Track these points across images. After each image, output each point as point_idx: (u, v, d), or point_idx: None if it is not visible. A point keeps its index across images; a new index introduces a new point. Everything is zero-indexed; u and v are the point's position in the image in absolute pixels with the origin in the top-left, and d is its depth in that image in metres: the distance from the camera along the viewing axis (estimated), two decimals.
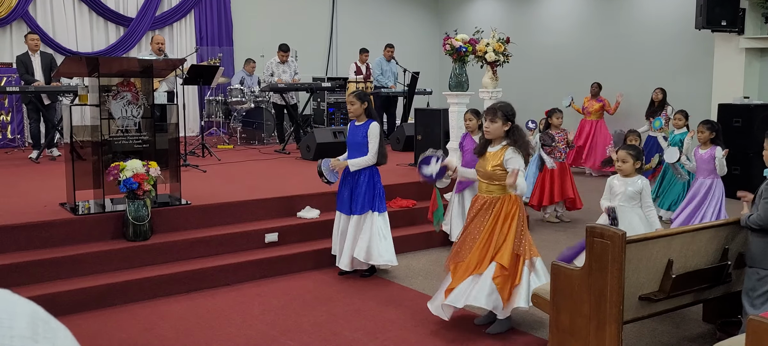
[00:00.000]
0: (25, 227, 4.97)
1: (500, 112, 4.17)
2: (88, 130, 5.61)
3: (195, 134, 11.24)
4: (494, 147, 4.22)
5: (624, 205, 4.65)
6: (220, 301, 4.91)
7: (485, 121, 4.22)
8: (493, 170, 4.15)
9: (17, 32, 10.47)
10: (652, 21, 10.99)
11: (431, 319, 4.58)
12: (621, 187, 4.69)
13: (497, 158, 4.15)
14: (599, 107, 10.90)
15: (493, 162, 4.16)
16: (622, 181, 4.70)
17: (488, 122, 4.18)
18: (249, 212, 5.96)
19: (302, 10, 13.08)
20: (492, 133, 4.18)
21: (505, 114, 4.17)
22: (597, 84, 11.02)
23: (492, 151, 4.22)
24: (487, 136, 4.23)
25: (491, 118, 4.17)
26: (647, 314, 3.69)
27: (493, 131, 4.18)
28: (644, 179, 4.75)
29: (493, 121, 4.16)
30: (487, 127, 4.19)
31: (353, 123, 5.41)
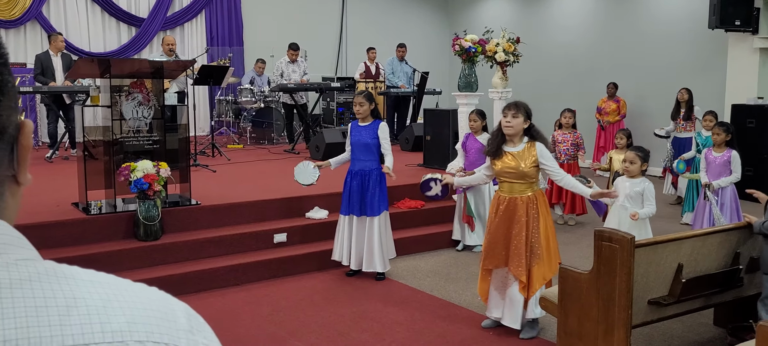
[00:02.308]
0: (37, 227, 5.01)
1: (523, 108, 4.12)
2: (100, 131, 5.65)
3: (205, 134, 11.29)
4: (516, 146, 4.13)
5: (626, 205, 4.66)
6: (230, 301, 4.94)
7: (507, 116, 4.12)
8: (529, 169, 4.08)
9: (31, 32, 10.57)
10: (665, 20, 10.91)
11: (439, 320, 4.59)
12: (626, 188, 4.69)
13: (529, 156, 4.09)
14: (616, 108, 10.76)
15: (528, 161, 4.08)
16: (628, 182, 4.70)
17: (511, 117, 4.09)
18: (258, 213, 5.98)
19: (312, 11, 13.10)
20: (515, 128, 4.09)
21: (526, 111, 4.14)
22: (613, 84, 10.83)
23: (515, 150, 4.12)
24: (508, 131, 4.12)
25: (514, 113, 4.09)
26: (656, 318, 3.67)
27: (516, 126, 4.09)
28: (648, 180, 4.74)
29: (516, 116, 4.09)
30: (510, 122, 4.09)
31: (356, 123, 5.39)
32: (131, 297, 0.64)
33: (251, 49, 12.29)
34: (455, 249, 6.42)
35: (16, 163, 0.67)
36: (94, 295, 0.62)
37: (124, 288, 0.65)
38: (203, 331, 0.68)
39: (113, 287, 0.64)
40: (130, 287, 0.66)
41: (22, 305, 0.58)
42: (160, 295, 0.68)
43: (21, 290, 0.59)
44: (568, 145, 7.39)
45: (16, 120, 0.66)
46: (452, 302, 4.99)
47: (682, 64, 10.64)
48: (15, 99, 0.65)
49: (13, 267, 0.60)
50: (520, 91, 9.97)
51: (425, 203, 6.86)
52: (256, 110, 10.85)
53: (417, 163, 8.32)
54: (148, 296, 0.66)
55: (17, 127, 0.66)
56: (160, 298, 0.67)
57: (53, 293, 0.60)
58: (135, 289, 0.66)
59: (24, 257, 0.62)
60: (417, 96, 11.05)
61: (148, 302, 0.65)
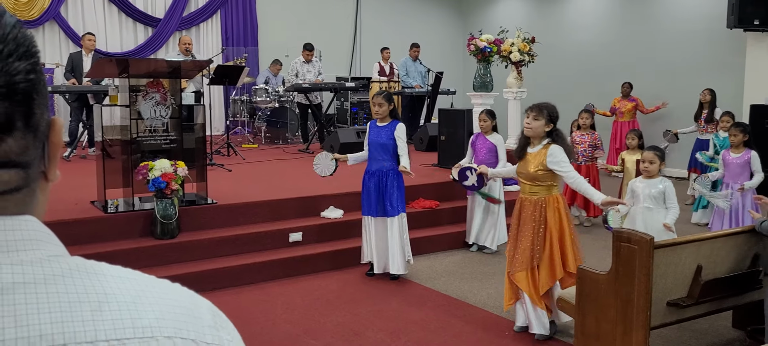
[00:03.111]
0: (56, 225, 5.04)
1: (545, 110, 4.07)
2: (118, 130, 5.70)
3: (220, 133, 11.34)
4: (534, 148, 4.12)
5: (650, 206, 4.60)
6: (245, 299, 4.96)
7: (527, 118, 4.09)
8: (536, 172, 4.06)
9: (50, 33, 10.67)
10: (682, 20, 10.82)
11: (455, 320, 4.58)
12: (644, 189, 4.63)
13: (539, 159, 4.07)
14: (632, 107, 10.63)
15: (535, 163, 4.07)
16: (645, 183, 4.64)
17: (531, 119, 4.06)
18: (273, 212, 6.01)
19: (326, 10, 13.13)
20: (533, 131, 4.06)
21: (550, 114, 4.08)
22: (628, 84, 10.74)
23: (532, 152, 4.12)
24: (528, 133, 4.10)
25: (535, 115, 4.05)
26: (675, 320, 3.65)
27: (535, 129, 4.06)
28: (667, 180, 4.68)
29: (537, 118, 4.05)
30: (529, 123, 4.06)
31: (374, 123, 5.39)
32: (159, 293, 0.66)
33: (266, 49, 12.34)
34: (469, 250, 6.41)
35: (46, 160, 0.68)
36: (123, 291, 0.63)
37: (152, 284, 0.67)
38: (226, 327, 0.69)
39: (141, 283, 0.66)
40: (157, 283, 0.68)
41: (57, 300, 0.59)
42: (185, 291, 0.69)
43: (55, 286, 0.60)
44: (585, 146, 7.31)
45: (48, 118, 0.67)
46: (467, 302, 4.98)
47: (699, 64, 10.55)
48: (46, 97, 0.67)
49: (46, 263, 0.61)
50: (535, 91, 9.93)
51: (440, 204, 6.85)
52: (270, 110, 10.89)
53: (431, 164, 8.31)
54: (175, 292, 0.68)
55: (48, 125, 0.67)
56: (187, 294, 0.69)
57: (85, 289, 0.61)
58: (162, 285, 0.68)
59: (55, 254, 0.64)
60: (431, 96, 11.04)
61: (175, 298, 0.66)
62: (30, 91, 0.62)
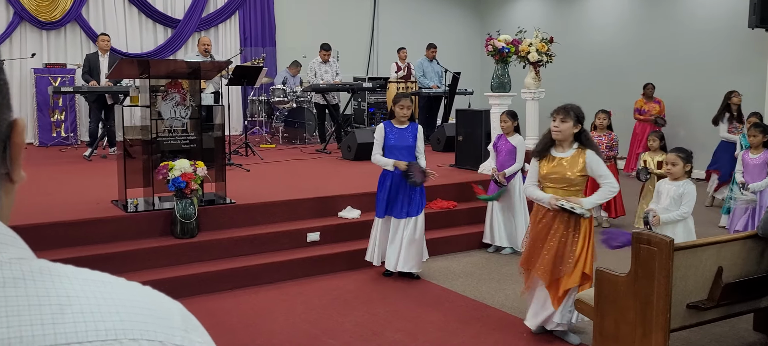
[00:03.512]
0: (78, 224, 5.14)
1: (572, 112, 3.99)
2: (138, 130, 5.77)
3: (238, 133, 11.42)
4: (566, 151, 4.04)
5: (669, 209, 4.55)
6: (264, 299, 5.00)
7: (555, 121, 4.01)
8: (575, 177, 4.00)
9: (71, 34, 10.82)
10: (702, 19, 10.70)
11: (472, 321, 4.58)
12: (668, 191, 4.59)
13: (577, 164, 4.00)
14: (659, 109, 10.44)
15: (575, 168, 3.99)
16: (670, 184, 4.59)
17: (559, 122, 3.98)
18: (291, 212, 6.04)
19: (344, 11, 13.17)
20: (563, 133, 3.98)
21: (577, 115, 4.01)
22: (651, 85, 10.53)
23: (564, 155, 4.03)
24: (557, 136, 4.02)
25: (562, 117, 3.97)
26: (695, 323, 3.62)
27: (564, 131, 3.98)
28: (691, 184, 4.60)
29: (564, 120, 3.96)
30: (558, 126, 3.98)
31: (391, 125, 5.34)
32: (126, 295, 0.64)
33: (284, 49, 12.41)
34: (486, 251, 6.40)
35: (9, 161, 0.67)
36: (88, 293, 0.62)
37: (119, 287, 0.65)
38: (198, 330, 0.68)
39: (108, 286, 0.64)
40: (125, 285, 0.66)
41: (15, 303, 0.58)
42: (155, 294, 0.68)
43: (14, 289, 0.59)
44: (603, 147, 7.24)
45: (9, 118, 0.66)
46: (485, 302, 4.98)
47: (720, 65, 10.43)
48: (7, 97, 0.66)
49: (6, 266, 0.60)
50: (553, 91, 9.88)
51: (457, 204, 6.85)
52: (288, 110, 10.94)
53: (449, 164, 8.30)
54: (143, 294, 0.66)
55: (10, 126, 0.66)
56: (155, 297, 0.67)
57: (47, 292, 0.60)
58: (130, 287, 0.66)
59: (18, 256, 0.62)
60: (448, 96, 11.03)
61: (143, 300, 0.65)
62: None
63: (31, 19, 10.33)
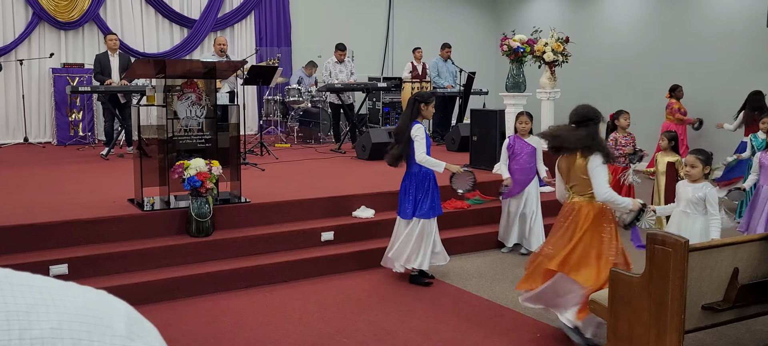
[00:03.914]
0: (95, 222, 5.20)
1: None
2: (154, 129, 5.83)
3: (253, 133, 11.49)
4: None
5: (687, 211, 4.51)
6: (278, 297, 5.03)
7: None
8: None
9: (89, 34, 10.94)
10: (720, 19, 10.60)
11: (486, 321, 4.58)
12: (686, 193, 4.55)
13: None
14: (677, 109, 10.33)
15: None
16: (690, 186, 4.55)
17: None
18: (305, 211, 6.07)
19: (359, 11, 13.19)
20: None
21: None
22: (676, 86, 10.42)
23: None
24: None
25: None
26: (710, 324, 3.59)
27: None
28: (710, 186, 4.54)
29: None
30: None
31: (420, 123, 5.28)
32: (62, 301, 0.61)
33: (299, 49, 12.46)
34: (501, 251, 6.39)
35: None
36: (19, 299, 0.59)
37: (57, 292, 0.62)
38: (146, 338, 0.64)
39: (44, 292, 0.61)
40: (64, 290, 0.63)
41: None
42: (98, 299, 0.64)
43: None
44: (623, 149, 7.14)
45: None
46: (499, 302, 4.98)
47: (737, 64, 10.32)
48: None
49: None
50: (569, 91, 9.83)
51: (471, 205, 6.84)
52: (303, 110, 10.99)
53: (463, 164, 8.26)
54: (83, 300, 0.62)
55: None
56: (97, 302, 0.63)
57: None
58: (69, 293, 0.63)
59: None
60: (463, 96, 11.02)
61: (80, 306, 0.61)
62: None
63: (49, 19, 10.46)
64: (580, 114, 4.11)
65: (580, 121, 4.12)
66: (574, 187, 4.15)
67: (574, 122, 4.13)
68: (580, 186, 4.11)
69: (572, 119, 4.14)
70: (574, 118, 4.13)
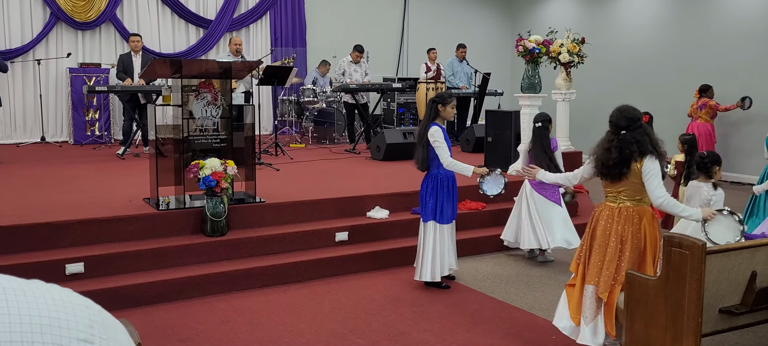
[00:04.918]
0: (111, 221, 5.24)
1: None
2: (170, 129, 5.86)
3: (268, 133, 11.53)
4: None
5: None
6: (292, 297, 5.04)
7: None
8: None
9: (106, 34, 11.03)
10: (738, 20, 10.48)
11: (500, 322, 4.56)
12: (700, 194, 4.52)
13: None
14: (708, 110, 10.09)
15: None
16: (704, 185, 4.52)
17: None
18: (320, 211, 6.08)
19: (374, 11, 13.20)
20: None
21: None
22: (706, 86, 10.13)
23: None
24: None
25: None
26: (728, 328, 3.55)
27: None
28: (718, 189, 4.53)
29: None
30: None
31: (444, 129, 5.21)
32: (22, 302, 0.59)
33: (314, 49, 12.48)
34: (515, 252, 6.32)
35: None
36: None
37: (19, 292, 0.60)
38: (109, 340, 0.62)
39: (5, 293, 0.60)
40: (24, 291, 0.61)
41: None
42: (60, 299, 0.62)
43: None
44: None
45: None
46: (513, 304, 4.95)
47: (756, 66, 10.20)
48: None
49: None
50: (585, 92, 9.78)
51: (486, 205, 6.81)
52: (318, 110, 11.01)
53: (477, 165, 8.24)
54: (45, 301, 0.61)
55: None
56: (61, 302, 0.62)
57: None
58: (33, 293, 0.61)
59: None
60: (478, 97, 10.99)
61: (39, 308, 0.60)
62: None
63: (67, 19, 10.56)
64: (630, 118, 3.81)
65: (631, 126, 3.80)
66: (624, 192, 3.89)
67: (624, 126, 3.80)
68: (632, 190, 3.88)
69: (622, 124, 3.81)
70: (625, 123, 3.80)
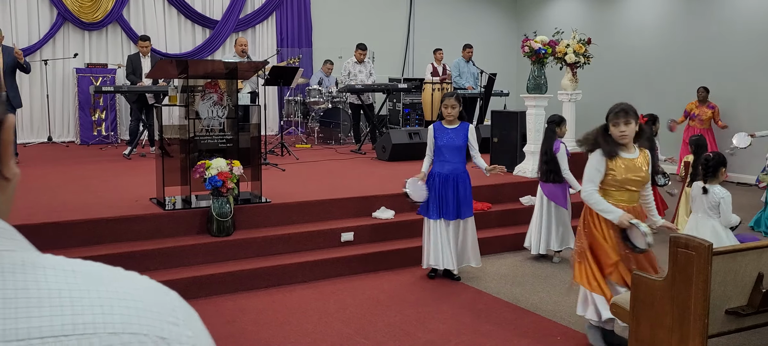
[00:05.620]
0: (118, 220, 5.26)
1: (632, 112, 3.97)
2: (176, 129, 5.88)
3: (274, 133, 11.55)
4: (633, 152, 4.00)
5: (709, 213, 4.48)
6: (298, 297, 5.04)
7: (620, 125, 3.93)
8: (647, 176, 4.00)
9: (112, 35, 11.08)
10: (746, 19, 10.42)
11: (506, 324, 4.56)
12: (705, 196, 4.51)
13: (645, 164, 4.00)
14: (711, 115, 10.11)
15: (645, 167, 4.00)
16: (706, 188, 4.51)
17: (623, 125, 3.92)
18: (325, 211, 6.08)
19: (380, 12, 13.20)
20: (629, 137, 3.95)
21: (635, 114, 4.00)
22: (704, 89, 10.21)
23: (633, 157, 3.99)
24: (625, 140, 3.94)
25: (626, 120, 3.93)
26: (734, 329, 3.53)
27: (630, 134, 3.95)
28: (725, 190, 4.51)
29: (628, 123, 3.93)
30: (624, 131, 3.93)
31: (441, 126, 5.32)
32: (113, 287, 0.63)
33: (320, 50, 12.50)
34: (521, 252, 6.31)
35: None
36: (71, 285, 0.61)
37: (107, 279, 0.64)
38: (190, 324, 0.66)
39: (94, 278, 0.63)
40: (114, 277, 0.65)
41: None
42: (146, 285, 0.66)
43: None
44: None
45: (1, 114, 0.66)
46: (519, 305, 4.95)
47: (763, 66, 10.15)
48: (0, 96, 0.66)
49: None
50: (591, 93, 9.75)
51: (492, 206, 6.81)
52: (323, 110, 11.02)
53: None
54: (132, 286, 0.65)
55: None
56: (145, 288, 0.65)
57: (26, 285, 0.59)
58: (119, 279, 0.65)
59: (5, 249, 0.61)
60: (484, 98, 10.98)
61: (129, 292, 0.63)
62: None
63: (73, 19, 10.61)
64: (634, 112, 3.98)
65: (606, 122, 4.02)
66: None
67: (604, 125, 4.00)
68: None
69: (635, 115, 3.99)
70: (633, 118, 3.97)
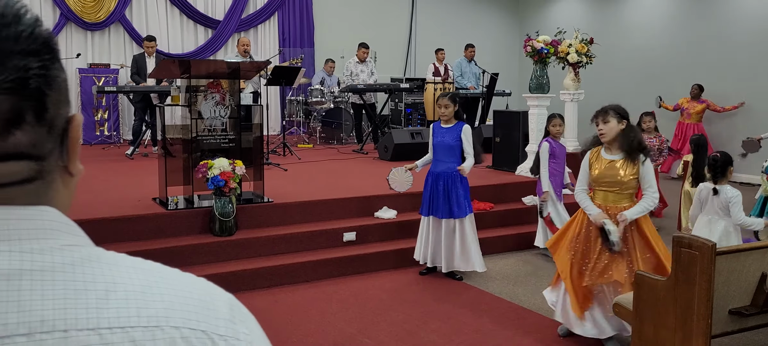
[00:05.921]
0: (120, 220, 5.27)
1: (611, 110, 3.94)
2: (178, 129, 5.88)
3: (276, 133, 11.55)
4: (616, 154, 3.95)
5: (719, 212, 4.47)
6: (300, 297, 5.04)
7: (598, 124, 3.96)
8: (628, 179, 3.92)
9: (115, 35, 11.09)
10: (750, 18, 10.39)
11: (508, 323, 4.55)
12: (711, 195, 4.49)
13: (633, 167, 3.92)
14: (701, 110, 10.26)
15: (630, 170, 3.91)
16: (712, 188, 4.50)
17: (601, 124, 3.93)
18: (328, 211, 6.09)
19: (382, 12, 13.20)
20: (608, 134, 3.91)
21: (618, 113, 3.95)
22: (698, 86, 10.37)
23: (615, 158, 3.95)
24: (603, 139, 3.95)
25: (603, 118, 3.93)
26: (737, 329, 3.53)
27: (609, 132, 3.91)
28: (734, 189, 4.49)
29: (606, 121, 3.91)
30: (601, 129, 3.93)
31: (439, 125, 5.38)
32: (172, 284, 0.66)
33: (322, 50, 12.49)
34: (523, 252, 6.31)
35: (66, 154, 0.69)
36: (134, 280, 0.64)
37: (167, 276, 0.67)
38: (246, 322, 0.69)
39: (155, 274, 0.66)
40: (173, 275, 0.68)
41: (62, 287, 0.60)
42: (203, 285, 0.69)
43: (62, 274, 0.61)
44: (654, 150, 7.01)
45: (66, 113, 0.68)
46: (521, 305, 4.94)
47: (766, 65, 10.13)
48: (65, 93, 0.68)
49: (58, 252, 0.63)
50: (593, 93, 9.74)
51: (494, 206, 6.80)
52: (325, 110, 11.02)
53: (486, 165, 8.25)
54: (191, 284, 0.68)
55: (67, 120, 0.68)
56: (203, 287, 0.69)
57: (94, 278, 0.62)
58: (178, 277, 0.68)
59: (70, 243, 0.65)
60: (486, 97, 10.98)
61: (189, 290, 0.67)
62: (41, 87, 0.63)
63: (76, 19, 10.62)
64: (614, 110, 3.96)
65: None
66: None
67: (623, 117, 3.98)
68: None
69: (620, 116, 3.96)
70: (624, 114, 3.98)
